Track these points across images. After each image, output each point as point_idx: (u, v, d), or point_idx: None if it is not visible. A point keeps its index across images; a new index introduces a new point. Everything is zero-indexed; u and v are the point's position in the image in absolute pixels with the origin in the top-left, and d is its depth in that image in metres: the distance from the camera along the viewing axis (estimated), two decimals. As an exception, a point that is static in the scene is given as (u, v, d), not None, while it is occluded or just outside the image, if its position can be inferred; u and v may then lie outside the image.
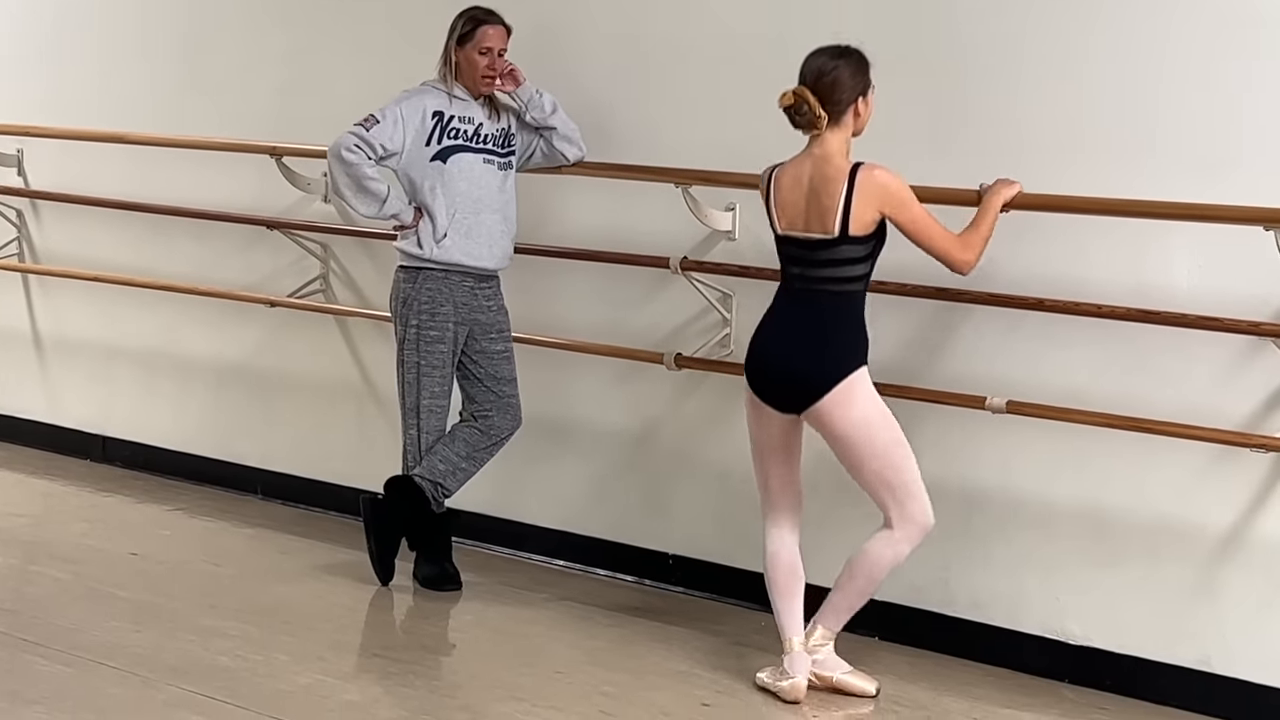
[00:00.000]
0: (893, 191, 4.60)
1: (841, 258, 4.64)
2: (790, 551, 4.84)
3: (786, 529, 4.85)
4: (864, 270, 4.68)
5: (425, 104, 5.60)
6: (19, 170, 7.65)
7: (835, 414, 4.64)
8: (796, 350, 4.68)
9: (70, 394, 7.64)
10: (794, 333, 4.70)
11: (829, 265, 4.66)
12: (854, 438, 4.65)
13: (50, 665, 4.87)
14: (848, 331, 4.68)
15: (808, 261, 4.69)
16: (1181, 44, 4.76)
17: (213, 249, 6.99)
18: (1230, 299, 4.66)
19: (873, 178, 4.59)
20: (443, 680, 5.05)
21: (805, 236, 4.68)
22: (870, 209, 4.59)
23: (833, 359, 4.64)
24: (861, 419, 4.64)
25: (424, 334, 5.64)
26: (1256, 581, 4.72)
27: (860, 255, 4.65)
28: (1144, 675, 4.91)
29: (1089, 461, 4.96)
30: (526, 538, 6.24)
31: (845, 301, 4.69)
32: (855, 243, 4.62)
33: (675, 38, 5.75)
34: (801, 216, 4.68)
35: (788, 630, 4.82)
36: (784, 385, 4.70)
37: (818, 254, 4.66)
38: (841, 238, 4.61)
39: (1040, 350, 5.01)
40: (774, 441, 4.79)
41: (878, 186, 4.59)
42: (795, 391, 4.68)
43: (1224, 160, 4.69)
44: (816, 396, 4.63)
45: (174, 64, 7.14)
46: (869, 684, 4.85)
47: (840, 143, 4.67)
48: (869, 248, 4.65)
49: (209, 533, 6.51)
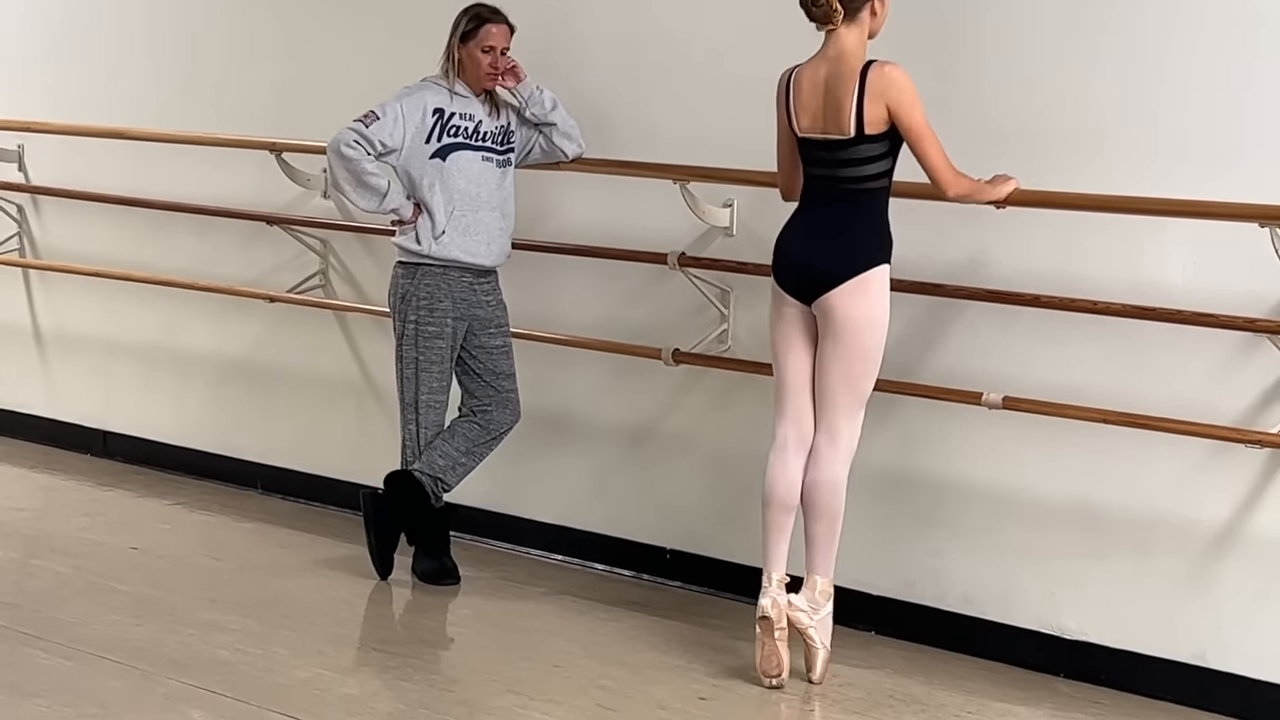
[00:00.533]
0: (900, 87, 4.59)
1: (860, 157, 4.64)
2: (788, 479, 4.80)
3: (792, 445, 4.82)
4: (884, 168, 4.68)
5: (426, 101, 5.60)
6: (20, 166, 7.65)
7: (847, 303, 4.64)
8: (822, 240, 4.70)
9: (71, 389, 7.64)
10: (818, 229, 4.72)
11: (848, 165, 4.66)
12: (852, 333, 4.66)
13: (51, 659, 4.87)
14: (870, 228, 4.70)
15: (828, 162, 4.70)
16: (1180, 41, 4.76)
17: (213, 244, 6.99)
18: (1226, 295, 4.66)
19: (882, 73, 4.59)
20: (441, 674, 5.05)
21: (824, 137, 4.69)
22: (880, 105, 4.59)
23: (856, 251, 4.67)
24: (867, 315, 4.66)
25: (423, 329, 5.64)
26: (1252, 576, 4.72)
27: (878, 154, 4.65)
28: (1139, 670, 4.90)
29: (1085, 457, 4.96)
30: (525, 532, 6.24)
31: (867, 199, 4.69)
32: (872, 141, 4.62)
33: (673, 35, 5.75)
34: (820, 117, 4.69)
35: (770, 563, 4.82)
36: (808, 269, 4.70)
37: (836, 154, 4.67)
38: (858, 137, 4.62)
39: (1036, 346, 5.01)
40: (794, 334, 4.79)
41: (886, 81, 4.58)
42: (818, 275, 4.68)
43: (1221, 157, 4.69)
44: (836, 282, 4.64)
45: (175, 60, 7.13)
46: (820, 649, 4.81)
47: (855, 41, 4.66)
48: (886, 146, 4.65)
49: (209, 527, 6.51)
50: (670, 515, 5.88)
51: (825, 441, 4.76)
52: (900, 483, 4.81)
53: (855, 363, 4.69)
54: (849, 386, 4.71)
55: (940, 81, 5.12)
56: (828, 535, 4.79)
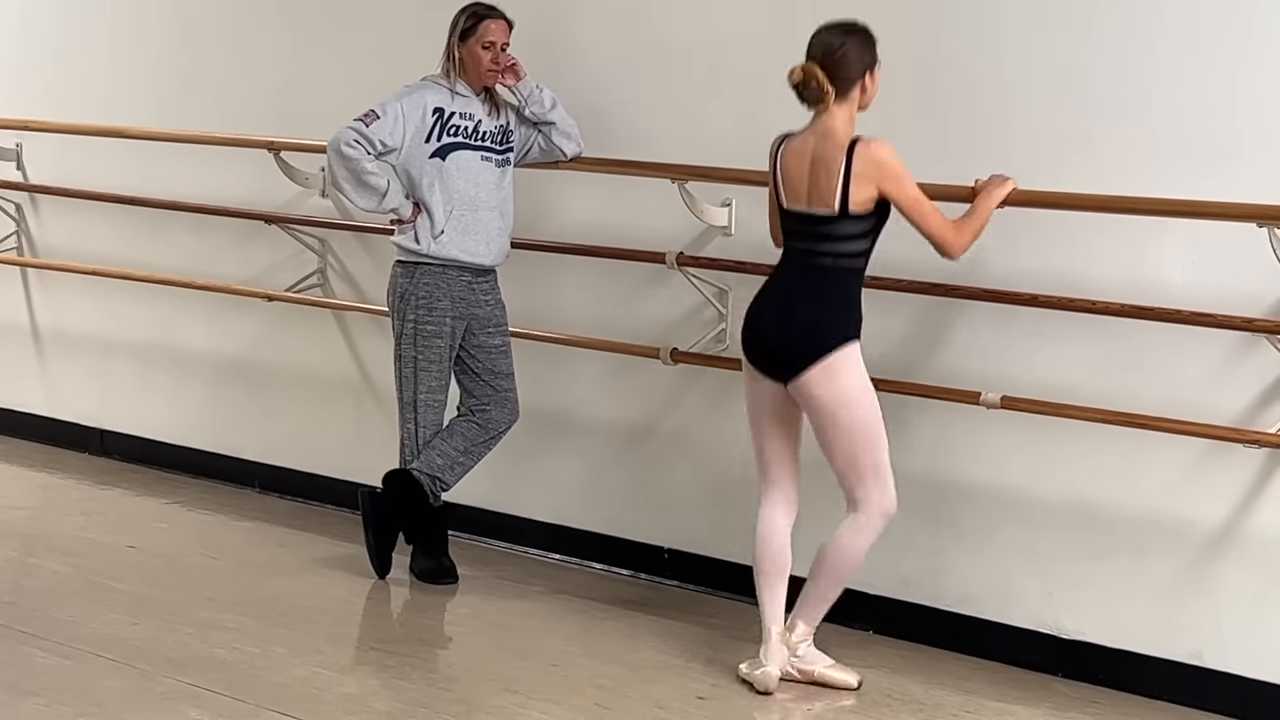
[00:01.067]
0: (888, 167, 4.60)
1: (841, 234, 4.65)
2: (779, 537, 4.83)
3: (780, 510, 4.85)
4: (864, 246, 4.69)
5: (426, 100, 5.59)
6: (18, 164, 7.64)
7: (823, 386, 4.64)
8: (790, 319, 4.69)
9: (69, 387, 7.63)
10: (790, 303, 4.72)
11: (829, 240, 4.67)
12: (836, 413, 4.65)
13: (49, 657, 4.86)
14: (841, 306, 4.69)
15: (809, 236, 4.71)
16: (1177, 41, 4.76)
17: (211, 243, 6.99)
18: (1224, 295, 4.65)
19: (869, 152, 4.60)
20: (439, 673, 5.04)
21: (808, 212, 4.69)
22: (867, 185, 4.60)
23: (824, 331, 4.66)
24: (844, 394, 4.65)
25: (421, 329, 5.64)
26: (1249, 576, 4.72)
27: (860, 231, 4.66)
28: (1137, 669, 4.90)
29: (1083, 456, 4.96)
30: (523, 532, 6.24)
31: (843, 276, 4.69)
32: (855, 220, 4.63)
33: (672, 34, 5.74)
34: (804, 192, 4.70)
35: (767, 619, 4.82)
36: (775, 352, 4.71)
37: (819, 229, 4.68)
38: (842, 215, 4.62)
39: (1035, 346, 5.01)
40: (767, 410, 4.80)
41: (874, 162, 4.59)
42: (786, 359, 4.68)
43: (1219, 157, 4.69)
44: (805, 366, 4.64)
45: (173, 59, 7.13)
46: (851, 677, 4.85)
47: (845, 118, 4.68)
48: (869, 224, 4.66)
49: (207, 526, 6.51)
50: (668, 514, 5.88)
51: (849, 508, 4.74)
52: (898, 482, 4.79)
53: (852, 439, 4.67)
54: (853, 462, 4.69)
55: (935, 82, 5.14)
56: (826, 594, 4.80)
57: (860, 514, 4.72)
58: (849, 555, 4.74)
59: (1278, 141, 4.61)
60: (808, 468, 4.88)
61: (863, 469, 4.69)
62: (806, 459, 4.86)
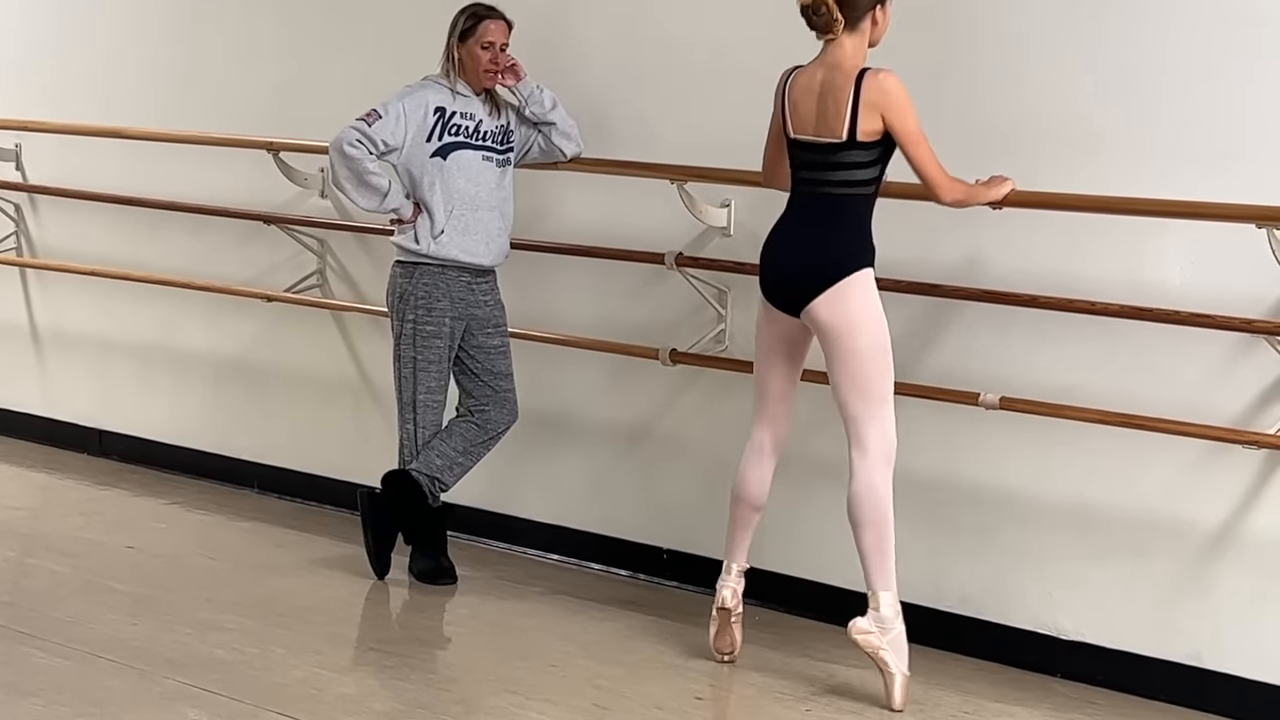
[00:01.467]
0: (894, 96, 4.60)
1: (850, 162, 4.65)
2: (760, 474, 4.88)
3: (767, 449, 4.89)
4: (872, 174, 4.69)
5: (428, 100, 5.58)
6: (17, 164, 7.64)
7: (833, 310, 4.64)
8: (803, 248, 4.71)
9: (68, 387, 7.63)
10: (802, 232, 4.73)
11: (838, 169, 4.67)
12: (845, 336, 4.65)
13: (48, 658, 4.86)
14: (853, 233, 4.70)
15: (818, 165, 4.71)
16: (1177, 42, 4.76)
17: (210, 244, 6.99)
18: (1223, 296, 4.65)
19: (877, 82, 4.60)
20: (438, 673, 5.04)
21: (815, 140, 4.69)
22: (874, 112, 4.60)
23: (836, 258, 4.66)
24: (856, 318, 4.65)
25: (420, 329, 5.63)
26: (1248, 577, 4.71)
27: (868, 160, 4.66)
28: (1136, 670, 4.90)
29: (1082, 457, 4.96)
30: (522, 532, 6.23)
31: (852, 204, 4.70)
32: (863, 148, 4.63)
33: (671, 36, 5.74)
34: (812, 121, 4.70)
35: (734, 554, 4.92)
36: (790, 281, 4.72)
37: (827, 158, 4.68)
38: (850, 142, 4.63)
39: (1033, 347, 5.01)
40: (778, 346, 4.82)
41: (881, 91, 4.59)
42: (799, 287, 4.69)
43: (1218, 158, 4.68)
44: (817, 292, 4.64)
45: (172, 59, 7.13)
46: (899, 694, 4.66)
47: (854, 50, 4.67)
48: (877, 153, 4.66)
49: (206, 526, 6.50)
50: (667, 515, 5.88)
51: (855, 453, 4.70)
52: (897, 483, 4.79)
53: (857, 366, 4.67)
54: (858, 391, 4.67)
55: (936, 83, 5.13)
56: (877, 546, 4.69)
57: (870, 453, 4.66)
58: (880, 498, 4.66)
59: (1277, 143, 4.61)
60: (809, 469, 4.89)
61: (872, 396, 4.66)
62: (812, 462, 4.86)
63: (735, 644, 4.98)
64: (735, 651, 4.98)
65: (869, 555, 4.71)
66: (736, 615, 4.95)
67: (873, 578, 4.71)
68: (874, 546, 4.69)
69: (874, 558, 4.69)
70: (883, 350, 4.69)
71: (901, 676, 4.69)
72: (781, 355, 4.85)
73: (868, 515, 4.68)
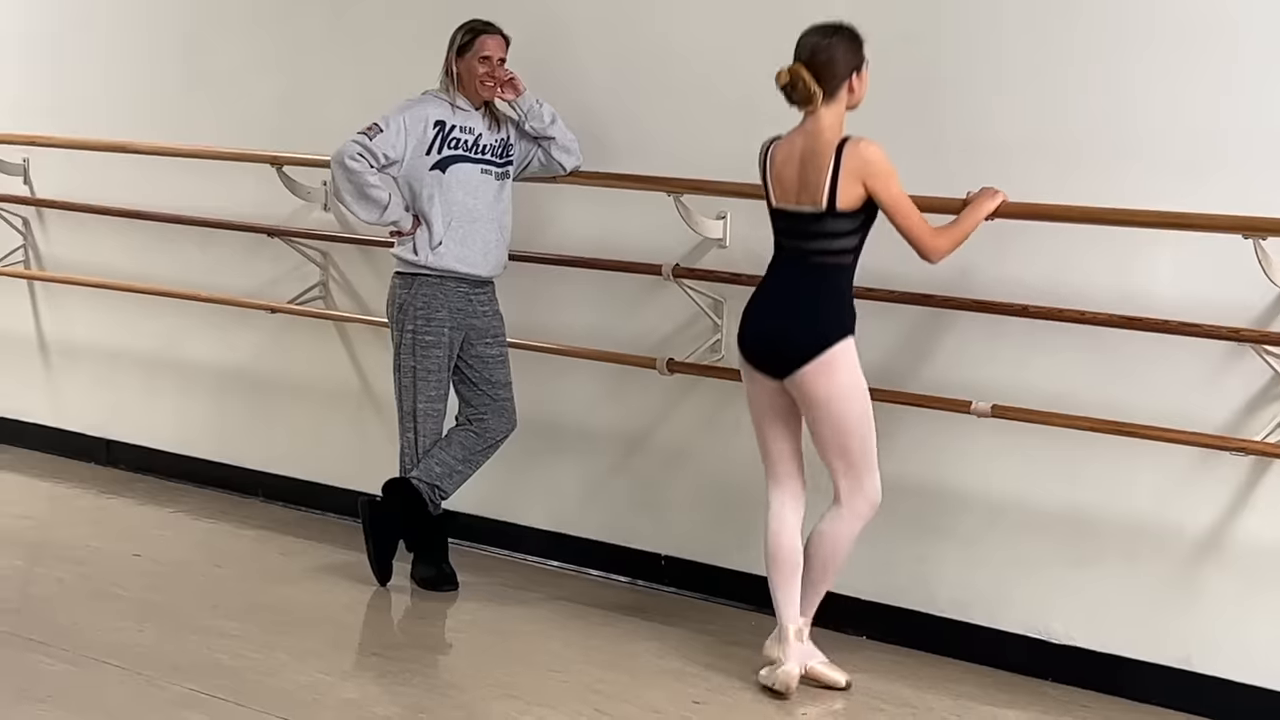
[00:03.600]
0: (874, 165, 4.56)
1: (830, 231, 4.61)
2: (790, 533, 4.78)
3: (789, 507, 4.80)
4: (853, 243, 4.66)
5: (428, 113, 5.55)
6: (25, 179, 7.61)
7: (818, 380, 4.61)
8: (785, 317, 4.67)
9: (75, 398, 7.60)
10: (784, 301, 4.69)
11: (819, 238, 4.63)
12: (831, 405, 4.62)
13: (55, 664, 4.84)
14: (835, 302, 4.66)
15: (799, 234, 4.67)
16: (1165, 59, 4.73)
17: (215, 256, 6.96)
18: (1211, 306, 4.63)
19: (858, 151, 4.56)
20: (439, 679, 5.01)
21: (797, 210, 4.66)
22: (855, 183, 4.56)
23: (819, 327, 4.62)
24: (842, 388, 4.62)
25: (420, 339, 5.58)
26: (1236, 581, 4.70)
27: (849, 229, 4.62)
28: (1126, 673, 4.88)
29: (1072, 464, 4.93)
30: (522, 539, 6.20)
31: (834, 273, 4.66)
32: (843, 217, 4.59)
33: (667, 51, 5.72)
34: (794, 190, 4.66)
35: (784, 617, 4.78)
36: (772, 350, 4.68)
37: (808, 226, 4.64)
38: (829, 211, 4.58)
39: (1024, 356, 4.98)
40: (768, 409, 4.77)
41: (862, 161, 4.56)
42: (782, 356, 4.66)
43: (1205, 170, 4.67)
44: (803, 361, 4.60)
45: (177, 76, 7.11)
46: (840, 676, 4.83)
47: (834, 118, 4.63)
48: (857, 222, 4.62)
49: (211, 534, 6.47)
50: (665, 522, 5.84)
51: (838, 501, 4.72)
52: (890, 489, 4.79)
53: (844, 433, 4.66)
54: (844, 456, 4.68)
55: (927, 97, 5.13)
56: (814, 583, 4.77)
57: (846, 505, 4.71)
58: (839, 544, 4.73)
59: (1263, 155, 4.59)
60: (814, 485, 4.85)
61: (853, 459, 4.67)
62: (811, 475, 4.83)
63: None
64: None
65: (810, 588, 4.77)
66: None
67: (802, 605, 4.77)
68: (814, 583, 4.77)
69: (809, 592, 4.77)
70: (867, 418, 4.67)
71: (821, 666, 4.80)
72: (777, 417, 4.78)
73: (827, 561, 4.74)
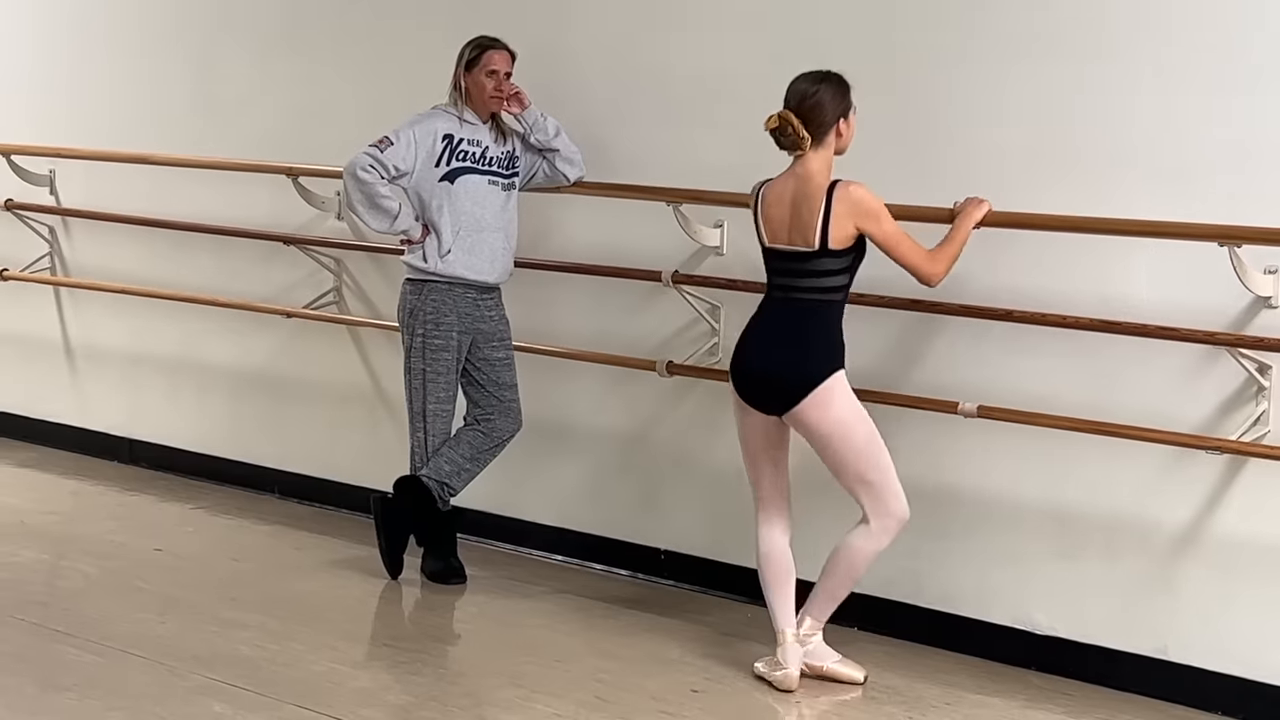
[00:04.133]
0: (866, 207, 4.62)
1: (822, 269, 4.66)
2: (781, 551, 4.84)
3: (778, 528, 4.85)
4: (843, 281, 4.70)
5: (437, 127, 5.60)
6: (51, 189, 7.63)
7: (815, 415, 4.65)
8: (778, 355, 4.69)
9: (99, 399, 7.62)
10: (776, 339, 4.72)
11: (810, 276, 4.68)
12: (834, 437, 4.66)
13: (80, 654, 4.87)
14: (826, 338, 4.69)
15: (791, 272, 4.71)
16: (1145, 73, 4.77)
17: (233, 263, 6.98)
18: (1187, 310, 4.67)
19: (848, 194, 4.62)
20: (448, 668, 5.05)
21: (789, 249, 4.70)
22: (847, 224, 4.61)
23: (812, 363, 4.66)
24: (840, 419, 4.66)
25: (429, 342, 5.64)
26: (1211, 575, 4.73)
27: (839, 267, 4.67)
28: (1106, 663, 4.91)
29: (1055, 462, 4.96)
30: (527, 534, 6.23)
31: (825, 310, 4.70)
32: (834, 256, 4.64)
33: (667, 66, 5.75)
34: (785, 230, 4.70)
35: (780, 622, 4.81)
36: (766, 388, 4.71)
37: (800, 265, 4.68)
38: (821, 251, 4.64)
39: (1009, 358, 5.01)
40: (760, 442, 4.80)
41: (852, 203, 4.61)
42: (777, 394, 4.69)
43: (1183, 181, 4.70)
44: (797, 399, 4.65)
45: (197, 90, 7.11)
46: (857, 672, 4.85)
47: (822, 162, 4.68)
48: (848, 260, 4.67)
49: (229, 530, 6.50)
50: (664, 518, 5.87)
51: (866, 519, 4.73)
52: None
53: (855, 461, 4.68)
54: (861, 482, 4.69)
55: (914, 112, 5.14)
56: (832, 592, 4.78)
57: (873, 524, 4.71)
58: (860, 558, 4.73)
59: (1238, 166, 4.62)
60: (818, 479, 4.89)
61: (871, 482, 4.68)
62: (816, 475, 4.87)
63: None
64: None
65: (823, 596, 4.80)
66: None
67: (813, 610, 4.80)
68: (833, 592, 4.79)
69: (825, 599, 4.80)
70: (874, 441, 4.68)
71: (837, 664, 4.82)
72: (763, 449, 4.80)
73: (847, 573, 4.76)
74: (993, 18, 5.04)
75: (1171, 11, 4.73)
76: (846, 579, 4.78)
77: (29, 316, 7.77)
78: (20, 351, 7.87)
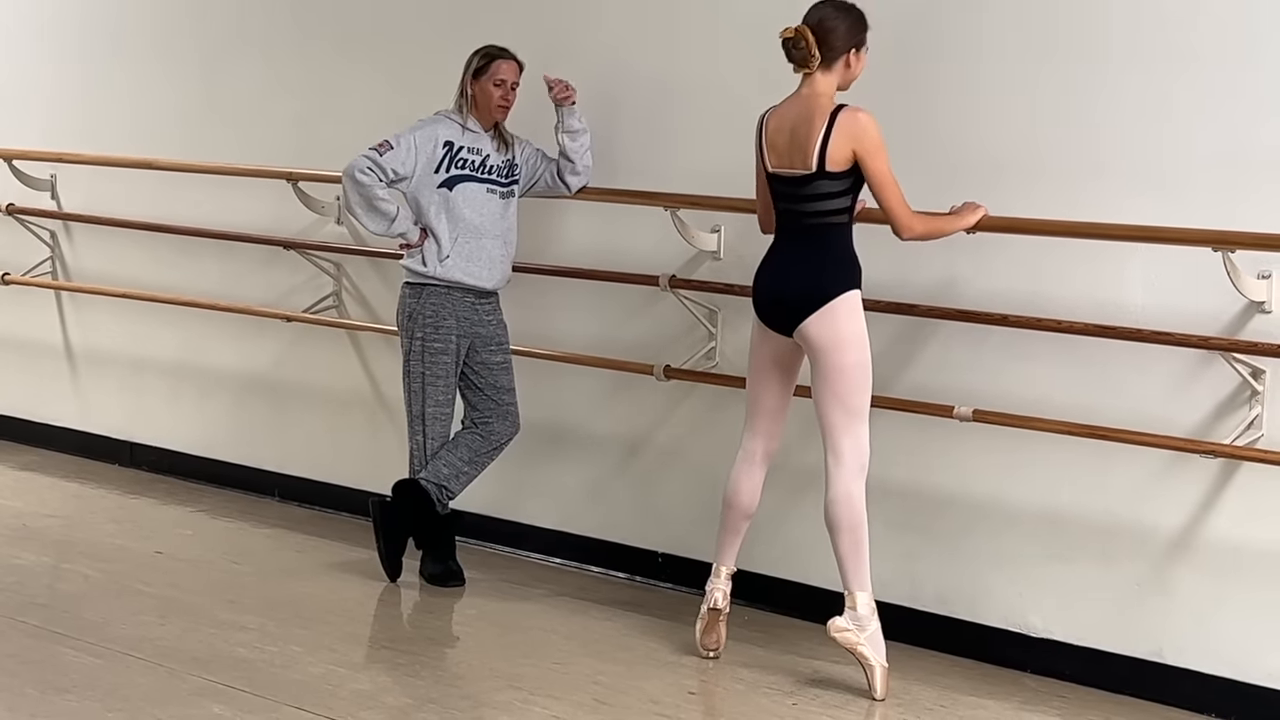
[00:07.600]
0: (870, 137, 4.61)
1: (821, 192, 4.66)
2: (751, 484, 4.88)
3: (758, 456, 4.89)
4: (845, 204, 4.70)
5: (438, 133, 5.59)
6: (52, 194, 7.63)
7: (819, 328, 4.66)
8: (791, 276, 4.72)
9: (100, 403, 7.62)
10: (790, 259, 4.75)
11: (811, 200, 4.68)
12: (829, 351, 4.67)
13: (80, 656, 4.85)
14: (837, 257, 4.71)
15: (793, 197, 4.72)
16: (1138, 81, 4.76)
17: (233, 268, 6.98)
18: (1182, 315, 4.66)
19: (855, 119, 4.62)
20: (447, 670, 5.03)
21: (789, 173, 4.70)
22: (845, 147, 4.61)
23: (826, 278, 4.68)
24: (841, 336, 4.66)
25: (428, 346, 5.63)
26: (1205, 578, 4.72)
27: (838, 190, 4.66)
28: (1101, 666, 4.90)
29: (1049, 466, 4.96)
30: (525, 537, 6.22)
31: (830, 232, 4.71)
32: (832, 178, 4.63)
33: (664, 74, 5.75)
34: (786, 154, 4.71)
35: (723, 557, 4.93)
36: (781, 303, 4.73)
37: (800, 189, 4.68)
38: (819, 173, 4.63)
39: (1004, 363, 5.01)
40: (769, 362, 4.83)
41: (858, 128, 4.61)
42: (790, 308, 4.71)
43: (1177, 186, 4.69)
44: (808, 312, 4.66)
45: (198, 95, 7.13)
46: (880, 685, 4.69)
47: (828, 87, 4.69)
48: (847, 183, 4.66)
49: (229, 532, 6.49)
50: (662, 521, 5.87)
51: (832, 462, 4.72)
52: (876, 490, 4.80)
53: (839, 381, 4.68)
54: (839, 404, 4.68)
55: (912, 117, 5.13)
56: (853, 550, 4.70)
57: (845, 462, 4.68)
58: (853, 503, 4.67)
59: (1232, 171, 4.62)
60: (795, 478, 4.88)
61: (848, 410, 4.67)
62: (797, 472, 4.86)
63: (720, 641, 4.99)
64: (720, 648, 4.99)
65: (846, 558, 4.71)
66: (724, 615, 4.96)
67: (849, 579, 4.72)
68: (850, 550, 4.70)
69: (850, 561, 4.71)
70: (865, 368, 4.70)
71: (881, 668, 4.71)
72: (774, 373, 4.85)
73: (844, 521, 4.69)
74: (987, 22, 5.03)
75: (1166, 16, 4.72)
76: (857, 530, 4.67)
77: (30, 320, 7.77)
78: (21, 355, 7.86)
